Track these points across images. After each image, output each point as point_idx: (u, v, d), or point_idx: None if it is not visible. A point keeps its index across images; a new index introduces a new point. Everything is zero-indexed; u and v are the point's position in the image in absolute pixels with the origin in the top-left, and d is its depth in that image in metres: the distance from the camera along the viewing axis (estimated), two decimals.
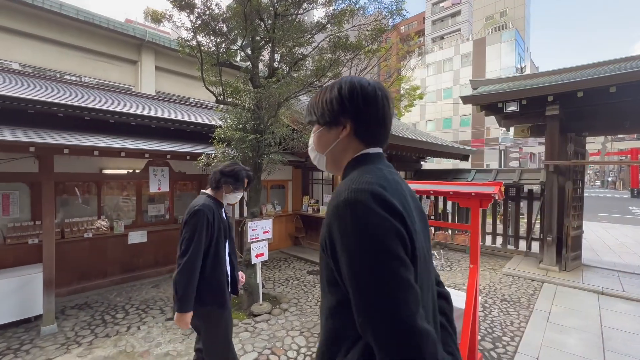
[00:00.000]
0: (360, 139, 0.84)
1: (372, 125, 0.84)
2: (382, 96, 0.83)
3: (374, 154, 0.84)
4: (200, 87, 8.18)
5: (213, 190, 2.33)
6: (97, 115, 4.34)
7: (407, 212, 0.71)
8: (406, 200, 0.75)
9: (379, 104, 0.82)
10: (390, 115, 0.86)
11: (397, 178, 0.81)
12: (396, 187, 0.74)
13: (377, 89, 0.83)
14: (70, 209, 4.97)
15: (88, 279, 4.99)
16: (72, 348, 3.46)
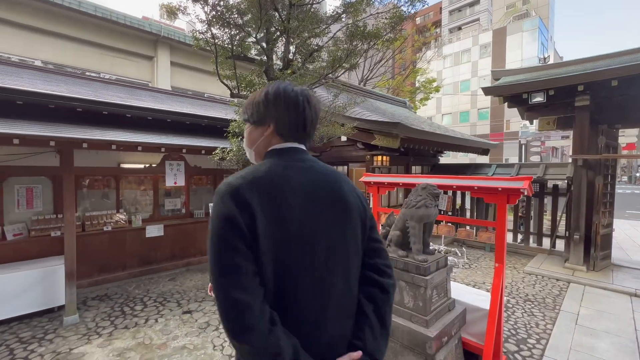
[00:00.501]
0: (279, 136, 0.95)
1: (292, 126, 0.94)
2: (303, 101, 0.94)
3: (285, 148, 0.94)
4: (215, 82, 8.17)
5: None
6: (114, 109, 4.37)
7: (267, 205, 0.79)
8: (279, 193, 0.82)
9: (299, 108, 0.93)
10: (312, 118, 0.96)
11: (290, 172, 0.88)
12: (271, 181, 0.83)
13: (299, 95, 0.94)
14: (90, 202, 5.08)
15: (108, 271, 5.10)
16: (93, 339, 3.53)
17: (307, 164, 0.92)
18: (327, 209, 0.88)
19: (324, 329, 0.87)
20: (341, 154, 7.53)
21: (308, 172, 0.90)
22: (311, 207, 0.85)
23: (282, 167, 0.87)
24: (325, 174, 0.93)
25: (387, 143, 5.36)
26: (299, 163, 0.91)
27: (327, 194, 0.89)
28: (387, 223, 3.39)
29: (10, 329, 3.72)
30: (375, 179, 4.03)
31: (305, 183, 0.87)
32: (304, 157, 0.94)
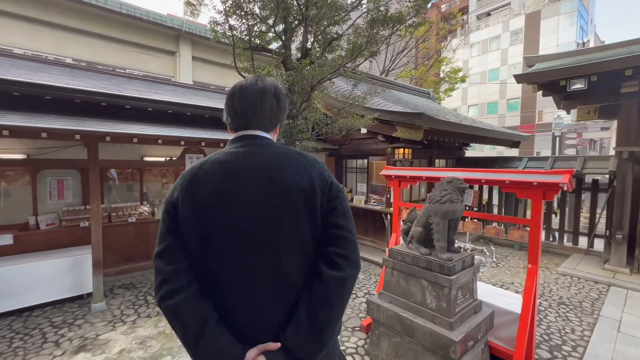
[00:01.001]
0: (231, 129, 1.07)
1: (230, 114, 1.04)
2: (238, 88, 1.01)
3: (232, 138, 1.02)
4: (235, 76, 8.14)
5: None
6: (136, 103, 4.45)
7: (187, 195, 0.89)
8: (200, 182, 0.90)
9: (233, 97, 1.01)
10: (247, 101, 1.00)
11: (222, 157, 0.94)
12: (202, 169, 0.92)
13: (235, 87, 1.02)
14: (116, 194, 5.26)
15: (133, 261, 5.28)
16: (118, 326, 3.65)
17: (247, 148, 0.94)
18: (253, 193, 0.88)
19: (245, 313, 0.90)
20: (361, 146, 7.34)
21: (243, 156, 0.92)
22: (231, 191, 0.88)
23: (219, 154, 0.93)
24: (264, 157, 0.92)
25: (409, 135, 5.13)
26: (236, 149, 0.94)
27: (256, 177, 0.89)
28: (409, 219, 3.22)
29: (44, 314, 3.93)
30: (396, 173, 3.85)
31: (232, 168, 0.90)
32: (247, 143, 0.96)
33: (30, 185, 4.44)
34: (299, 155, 0.97)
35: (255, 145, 0.95)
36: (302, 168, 0.92)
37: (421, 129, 4.96)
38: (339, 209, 0.95)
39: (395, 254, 3.07)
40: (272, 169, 0.90)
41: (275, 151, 0.95)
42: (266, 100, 1.00)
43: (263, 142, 0.97)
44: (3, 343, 3.27)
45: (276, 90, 1.03)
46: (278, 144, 1.00)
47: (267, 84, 1.02)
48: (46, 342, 3.31)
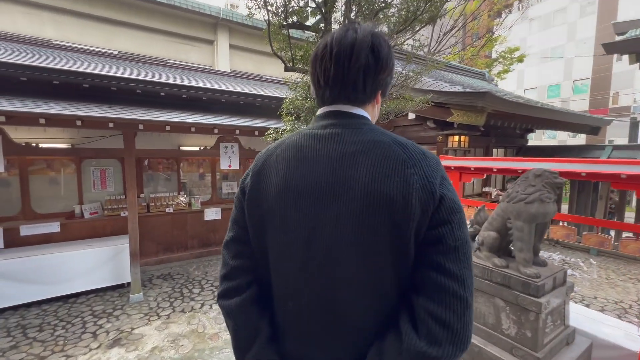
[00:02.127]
0: (318, 100, 0.77)
1: (318, 84, 0.73)
2: (317, 52, 0.71)
3: (318, 115, 0.76)
4: (273, 63, 7.87)
5: None
6: (170, 90, 4.29)
7: (256, 180, 0.72)
8: (268, 168, 0.71)
9: (316, 60, 0.71)
10: (331, 68, 0.67)
11: (299, 139, 0.71)
12: (275, 152, 0.73)
13: (319, 46, 0.71)
14: (154, 184, 5.25)
15: (172, 251, 5.27)
16: (153, 320, 3.56)
17: (329, 130, 0.68)
18: (318, 194, 0.64)
19: (295, 342, 0.71)
20: (406, 134, 6.65)
21: (322, 141, 0.68)
22: (296, 187, 0.66)
23: (298, 135, 0.72)
24: (346, 144, 0.65)
25: (468, 119, 4.39)
26: (317, 130, 0.70)
27: (330, 171, 0.64)
28: (477, 220, 2.62)
29: (87, 301, 3.99)
30: (456, 163, 3.22)
31: (305, 156, 0.68)
32: (330, 123, 0.70)
33: (75, 174, 4.53)
34: (398, 147, 0.64)
35: (340, 126, 0.69)
36: (397, 166, 0.60)
37: (484, 112, 4.19)
38: (449, 243, 0.59)
39: None
40: (350, 164, 0.63)
41: (364, 137, 0.65)
42: (359, 59, 0.66)
43: (351, 121, 0.69)
44: (47, 330, 3.31)
45: (374, 41, 0.67)
46: (375, 126, 0.70)
47: (361, 34, 0.67)
48: (85, 332, 3.30)
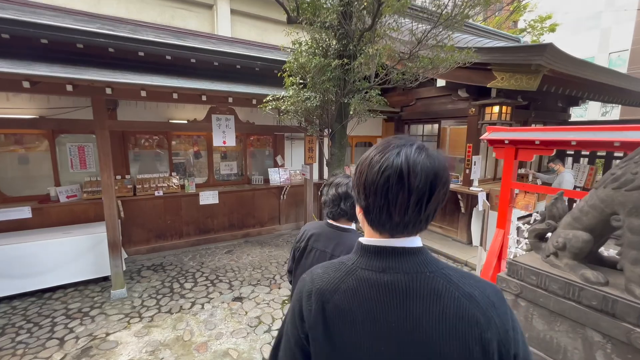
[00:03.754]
0: (367, 223, 0.69)
1: (375, 211, 0.65)
2: (395, 173, 0.60)
3: (367, 246, 0.68)
4: (278, 31, 6.95)
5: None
6: (151, 49, 3.56)
7: (321, 323, 0.64)
8: (337, 314, 0.63)
9: (385, 184, 0.62)
10: (410, 195, 0.59)
11: (356, 283, 0.65)
12: (334, 297, 0.66)
13: (386, 163, 0.61)
14: (142, 164, 4.63)
15: (165, 238, 4.73)
16: (133, 322, 3.02)
17: (389, 277, 0.60)
18: (399, 352, 0.57)
19: None
20: (430, 107, 5.77)
21: (384, 291, 0.59)
22: (373, 344, 0.59)
23: (353, 276, 0.63)
24: (411, 300, 0.57)
25: (516, 84, 3.51)
26: (374, 274, 0.61)
27: (399, 331, 0.57)
28: (551, 214, 1.86)
29: (64, 296, 3.49)
30: (512, 136, 2.43)
31: (370, 309, 0.60)
32: (388, 266, 0.61)
33: (49, 152, 3.94)
34: (466, 300, 0.56)
35: (401, 271, 0.60)
36: (473, 332, 0.54)
37: (539, 73, 3.31)
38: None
39: (525, 272, 1.79)
40: (423, 327, 0.55)
41: (429, 287, 0.57)
42: (429, 190, 0.58)
43: (411, 263, 0.60)
44: (8, 335, 2.82)
45: (442, 169, 0.59)
46: (433, 262, 0.61)
47: (432, 159, 0.59)
48: (52, 337, 2.79)
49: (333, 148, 3.46)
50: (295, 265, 1.54)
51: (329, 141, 3.50)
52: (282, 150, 5.63)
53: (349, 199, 1.38)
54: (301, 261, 1.49)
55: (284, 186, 5.40)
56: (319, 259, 1.40)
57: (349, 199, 1.38)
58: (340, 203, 1.39)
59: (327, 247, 1.40)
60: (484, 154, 5.25)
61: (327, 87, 2.92)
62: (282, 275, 4.05)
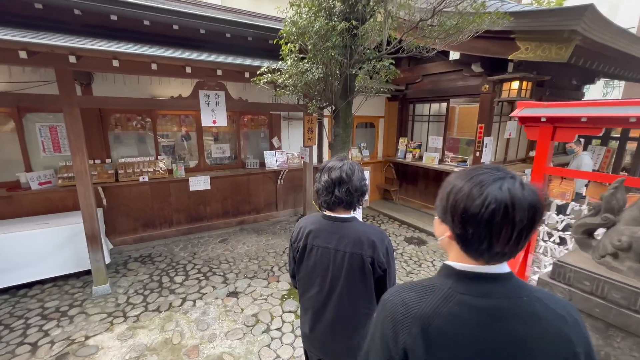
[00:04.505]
0: (460, 247, 0.69)
1: (473, 239, 0.66)
2: (500, 207, 0.61)
3: (463, 272, 0.69)
4: (271, 1, 6.32)
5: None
6: (126, 12, 3.06)
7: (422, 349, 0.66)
8: (439, 341, 0.66)
9: (488, 216, 0.63)
10: (516, 225, 0.61)
11: (460, 312, 0.67)
12: (433, 322, 0.67)
13: (489, 196, 0.62)
14: (125, 147, 4.20)
15: (154, 227, 4.39)
16: (117, 323, 2.73)
17: (491, 302, 0.63)
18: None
19: None
20: (438, 85, 5.34)
21: (482, 316, 0.62)
22: None
23: (453, 301, 0.64)
24: (512, 323, 0.61)
25: (543, 55, 3.11)
26: (473, 299, 0.64)
27: (503, 353, 0.60)
28: (608, 206, 1.55)
29: (41, 293, 3.18)
30: (550, 112, 2.08)
31: (475, 334, 0.62)
32: (489, 291, 0.64)
33: (16, 132, 3.50)
34: (560, 321, 0.62)
35: (500, 296, 0.63)
36: (569, 347, 0.60)
37: (571, 42, 2.90)
38: None
39: (575, 275, 1.49)
40: (526, 345, 0.60)
41: (526, 310, 0.62)
42: (529, 223, 0.60)
43: (508, 287, 0.64)
44: None
45: (539, 202, 0.61)
46: (522, 286, 0.65)
47: (531, 192, 0.61)
48: (23, 342, 2.49)
49: (336, 128, 3.07)
50: (297, 267, 1.37)
51: (331, 120, 3.11)
52: (279, 131, 5.21)
53: (343, 185, 1.20)
54: (303, 262, 1.33)
55: (281, 170, 5.04)
56: (322, 257, 1.26)
57: (343, 184, 1.20)
58: (334, 190, 1.21)
59: (330, 242, 1.25)
60: (494, 136, 4.90)
61: (331, 56, 2.49)
62: (281, 267, 3.77)
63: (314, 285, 1.30)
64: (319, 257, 1.26)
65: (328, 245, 1.24)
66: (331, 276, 1.24)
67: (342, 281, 1.23)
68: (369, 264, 1.19)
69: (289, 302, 3.06)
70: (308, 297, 1.33)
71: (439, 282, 0.68)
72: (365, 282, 1.22)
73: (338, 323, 1.27)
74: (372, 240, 1.20)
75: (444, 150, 5.48)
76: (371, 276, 1.21)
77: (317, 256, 1.27)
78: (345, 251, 1.20)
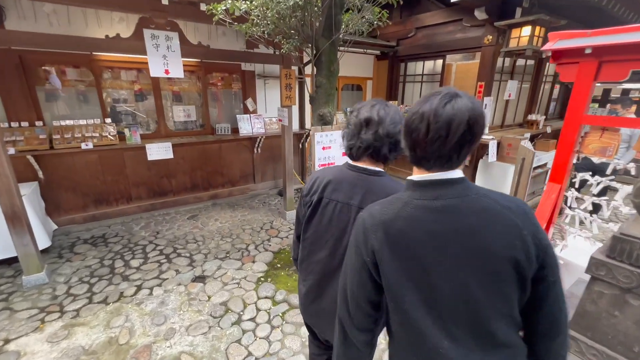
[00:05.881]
0: (412, 163, 0.82)
1: (415, 148, 0.78)
2: (412, 122, 0.76)
3: (415, 181, 0.80)
4: None
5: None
6: None
7: (389, 251, 0.75)
8: (402, 241, 0.77)
9: (411, 129, 0.76)
10: (428, 143, 0.72)
11: (415, 213, 0.78)
12: (396, 226, 0.78)
13: (415, 116, 0.75)
14: (62, 106, 3.45)
15: (108, 204, 3.77)
16: (50, 320, 2.21)
17: (441, 202, 0.72)
18: (458, 260, 0.69)
19: None
20: (433, 39, 4.75)
21: (437, 214, 0.71)
22: (436, 256, 0.71)
23: (411, 205, 0.74)
24: (465, 217, 0.70)
25: None
26: (429, 202, 0.73)
27: (461, 245, 0.69)
28: None
29: None
30: (596, 41, 1.59)
31: (432, 231, 0.71)
32: (439, 194, 0.72)
33: None
34: (507, 211, 0.69)
35: (450, 197, 0.72)
36: (516, 232, 0.68)
37: None
38: (549, 269, 0.71)
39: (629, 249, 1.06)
40: (477, 236, 0.69)
41: (477, 206, 0.70)
42: (456, 136, 0.68)
43: (458, 189, 0.72)
44: None
45: (470, 117, 0.66)
46: (474, 187, 0.73)
47: (458, 108, 0.67)
48: None
49: (319, 77, 2.49)
50: (305, 226, 1.16)
51: (312, 67, 2.51)
52: (254, 92, 4.54)
53: (371, 126, 0.99)
54: (313, 219, 1.12)
55: (258, 137, 4.43)
56: (340, 214, 1.05)
57: (371, 125, 0.99)
58: (360, 132, 1.01)
59: (353, 197, 1.03)
60: (494, 96, 4.44)
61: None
62: (257, 245, 3.30)
63: (324, 247, 1.10)
64: (337, 213, 1.05)
65: (350, 202, 1.02)
66: (349, 239, 0.95)
67: None
68: None
69: (266, 286, 2.61)
70: (315, 261, 1.13)
71: (400, 195, 0.77)
72: None
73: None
74: None
75: None
76: None
77: (333, 214, 1.06)
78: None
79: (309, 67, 3.07)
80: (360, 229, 0.79)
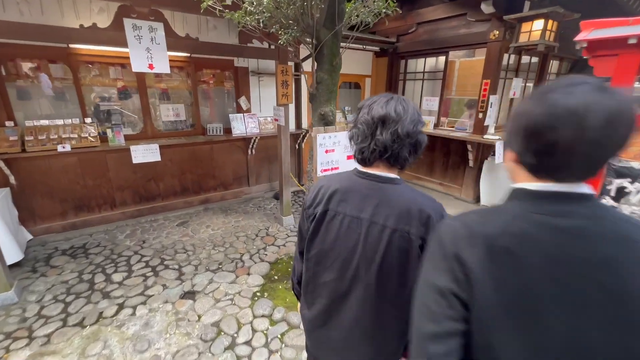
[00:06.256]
0: (527, 170, 0.64)
1: (543, 157, 0.61)
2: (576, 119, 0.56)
3: (534, 192, 0.63)
4: None
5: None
6: None
7: (491, 273, 0.58)
8: (511, 262, 0.60)
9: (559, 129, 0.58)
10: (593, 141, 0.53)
11: (534, 233, 0.60)
12: (503, 241, 0.62)
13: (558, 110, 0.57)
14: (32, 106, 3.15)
15: (90, 210, 3.49)
16: (16, 348, 1.94)
17: (572, 222, 0.55)
18: (583, 300, 0.52)
19: None
20: (435, 35, 4.55)
21: (561, 235, 0.54)
22: (553, 290, 0.53)
23: (526, 221, 0.57)
24: (596, 244, 0.53)
25: None
26: (549, 218, 0.56)
27: (585, 277, 0.52)
28: None
29: None
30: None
31: (552, 254, 0.54)
32: (570, 210, 0.56)
33: None
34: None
35: (581, 217, 0.55)
36: None
37: None
38: None
39: None
40: (613, 268, 0.52)
41: (613, 231, 0.54)
42: (617, 139, 0.53)
43: (589, 208, 0.56)
44: None
45: (632, 116, 0.51)
46: (600, 206, 0.57)
47: (623, 104, 0.51)
48: None
49: (320, 72, 2.25)
50: (308, 244, 0.99)
51: (313, 62, 2.28)
52: (247, 90, 4.28)
53: (389, 125, 0.82)
54: (318, 234, 0.95)
55: (252, 137, 4.18)
56: (349, 230, 0.89)
57: (389, 124, 0.82)
58: (375, 131, 0.83)
59: (363, 210, 0.87)
60: (499, 94, 4.26)
61: None
62: (252, 255, 3.06)
63: (331, 268, 0.95)
64: (345, 229, 0.90)
65: (360, 215, 0.88)
66: (359, 259, 0.88)
67: (375, 268, 0.87)
68: (418, 247, 0.82)
69: (262, 303, 2.38)
70: (321, 284, 0.98)
71: (506, 205, 0.62)
72: (406, 273, 0.85)
73: (360, 325, 0.92)
74: (426, 214, 0.83)
75: (439, 114, 4.80)
76: (418, 266, 0.76)
77: (341, 228, 0.91)
78: (386, 225, 0.84)
79: (307, 63, 2.84)
80: (449, 237, 0.62)
